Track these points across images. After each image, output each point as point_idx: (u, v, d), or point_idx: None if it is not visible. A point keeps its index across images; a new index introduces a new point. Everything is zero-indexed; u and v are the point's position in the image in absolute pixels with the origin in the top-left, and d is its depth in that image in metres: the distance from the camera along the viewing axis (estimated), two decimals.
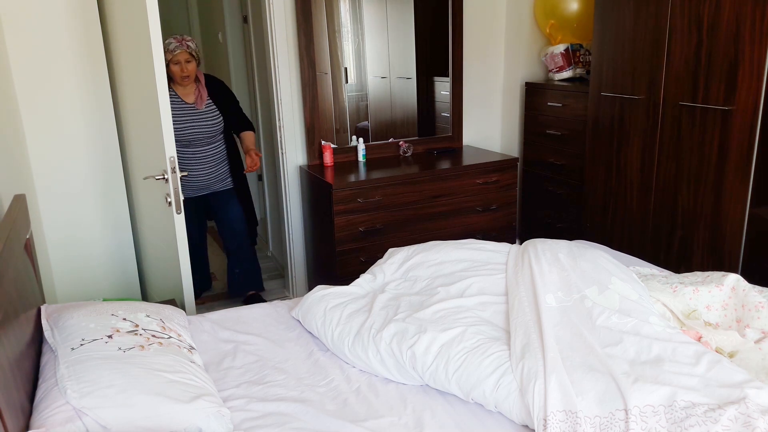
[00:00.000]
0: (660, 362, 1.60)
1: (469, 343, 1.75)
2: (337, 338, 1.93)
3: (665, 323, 1.76)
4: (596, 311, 1.81)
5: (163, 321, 1.85)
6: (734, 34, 2.52)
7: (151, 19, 2.12)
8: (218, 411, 1.52)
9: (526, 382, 1.57)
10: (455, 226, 3.46)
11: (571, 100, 3.52)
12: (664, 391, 1.47)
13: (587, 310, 1.82)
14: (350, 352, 1.88)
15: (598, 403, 1.48)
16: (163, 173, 2.31)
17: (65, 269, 2.93)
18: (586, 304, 1.85)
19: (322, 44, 3.51)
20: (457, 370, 1.68)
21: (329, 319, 1.99)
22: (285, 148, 3.55)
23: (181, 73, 3.08)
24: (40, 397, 1.51)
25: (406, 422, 1.59)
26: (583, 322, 1.78)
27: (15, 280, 1.60)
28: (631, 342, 1.68)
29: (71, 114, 2.81)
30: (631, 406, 1.44)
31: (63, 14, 2.71)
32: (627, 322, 1.76)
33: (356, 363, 1.86)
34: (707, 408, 1.41)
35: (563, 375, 1.56)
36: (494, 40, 3.94)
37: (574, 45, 3.69)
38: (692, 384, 1.50)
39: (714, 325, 1.86)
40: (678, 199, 2.91)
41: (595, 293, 1.89)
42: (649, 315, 1.79)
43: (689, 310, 1.89)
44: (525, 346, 1.69)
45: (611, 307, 1.82)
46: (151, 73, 2.21)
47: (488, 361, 1.67)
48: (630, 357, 1.64)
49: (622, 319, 1.77)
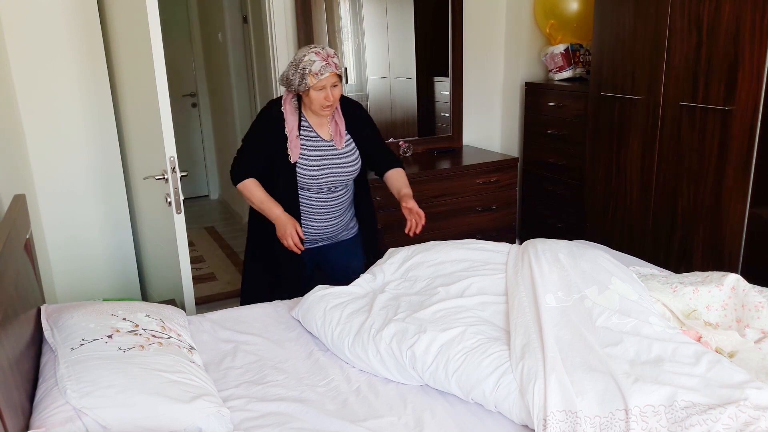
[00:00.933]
0: (660, 362, 1.60)
1: (469, 343, 1.74)
2: (337, 338, 1.92)
3: (665, 323, 1.76)
4: (596, 311, 1.81)
5: (163, 321, 1.85)
6: (734, 34, 2.52)
7: (151, 19, 2.12)
8: (218, 411, 1.52)
9: (525, 382, 1.57)
10: (455, 226, 3.46)
11: (571, 100, 3.52)
12: (665, 391, 1.47)
13: (587, 310, 1.82)
14: (350, 352, 1.87)
15: (598, 403, 1.47)
16: (163, 173, 2.31)
17: (65, 269, 2.93)
18: (586, 304, 1.84)
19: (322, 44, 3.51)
20: (457, 370, 1.67)
21: (329, 319, 1.99)
22: None
23: (325, 101, 2.30)
24: (39, 397, 1.51)
25: (406, 422, 1.59)
26: (583, 322, 1.78)
27: (15, 280, 1.60)
28: (631, 342, 1.68)
29: (71, 114, 2.81)
30: (631, 405, 1.44)
31: (63, 14, 2.71)
32: (627, 322, 1.76)
33: (356, 363, 1.86)
34: (707, 407, 1.41)
35: (563, 375, 1.55)
36: (494, 40, 3.94)
37: (574, 45, 3.69)
38: (692, 384, 1.50)
39: (714, 325, 1.86)
40: (678, 199, 2.91)
41: (595, 293, 1.88)
42: (649, 315, 1.79)
43: (689, 310, 1.89)
44: (525, 346, 1.69)
45: (611, 308, 1.82)
46: (151, 72, 2.21)
47: (488, 361, 1.67)
48: (630, 357, 1.64)
49: (622, 319, 1.77)
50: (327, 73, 2.24)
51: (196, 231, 5.09)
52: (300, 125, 2.39)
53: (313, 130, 2.40)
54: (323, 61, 2.24)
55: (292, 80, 2.29)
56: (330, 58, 2.27)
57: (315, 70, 2.24)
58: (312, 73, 2.24)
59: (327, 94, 2.28)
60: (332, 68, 2.26)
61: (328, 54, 2.27)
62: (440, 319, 1.87)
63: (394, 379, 1.80)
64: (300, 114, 2.40)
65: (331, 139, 2.42)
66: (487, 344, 1.74)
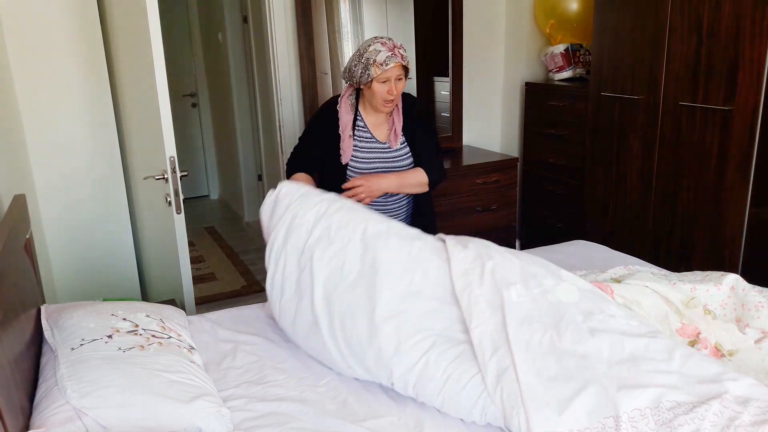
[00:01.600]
0: (635, 361, 1.57)
1: (438, 375, 1.60)
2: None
3: (626, 312, 1.73)
4: (561, 308, 1.72)
5: (162, 321, 1.85)
6: (734, 34, 2.52)
7: (151, 19, 2.12)
8: (218, 411, 1.52)
9: (508, 410, 1.50)
10: (455, 226, 3.46)
11: (571, 100, 3.52)
12: (649, 393, 1.46)
13: (553, 306, 1.72)
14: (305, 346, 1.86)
15: (586, 414, 1.44)
16: (163, 173, 2.31)
17: (65, 269, 2.93)
18: (550, 299, 1.74)
19: (322, 44, 3.51)
20: (439, 403, 1.60)
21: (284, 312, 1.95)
22: (285, 148, 3.55)
23: (388, 95, 2.20)
24: (40, 397, 1.51)
25: (406, 422, 1.59)
26: (551, 320, 1.69)
27: (15, 280, 1.60)
28: (603, 339, 1.63)
29: (71, 114, 2.81)
30: (621, 413, 1.42)
31: (63, 14, 2.70)
32: (593, 316, 1.69)
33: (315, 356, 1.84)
34: (693, 406, 1.42)
35: (543, 395, 1.49)
36: (494, 40, 3.94)
37: (574, 45, 3.69)
38: (673, 382, 1.50)
39: (713, 313, 1.85)
40: (678, 199, 2.91)
41: (552, 285, 1.78)
42: (609, 305, 1.74)
43: (688, 299, 1.87)
44: (499, 370, 1.57)
45: (572, 301, 1.74)
46: (151, 72, 2.21)
47: (466, 393, 1.56)
48: (605, 356, 1.59)
49: (587, 315, 1.70)
50: (392, 63, 2.14)
51: (196, 231, 5.09)
52: (355, 125, 2.31)
53: (368, 130, 2.30)
54: (389, 51, 2.14)
55: (354, 71, 2.21)
56: (396, 48, 2.17)
57: (380, 60, 2.13)
58: (376, 63, 2.13)
59: (391, 87, 2.17)
60: (398, 59, 2.14)
61: (394, 45, 2.17)
62: (394, 341, 1.69)
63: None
64: (356, 113, 2.32)
65: (387, 140, 2.31)
66: (458, 368, 1.60)
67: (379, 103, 2.23)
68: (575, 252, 2.56)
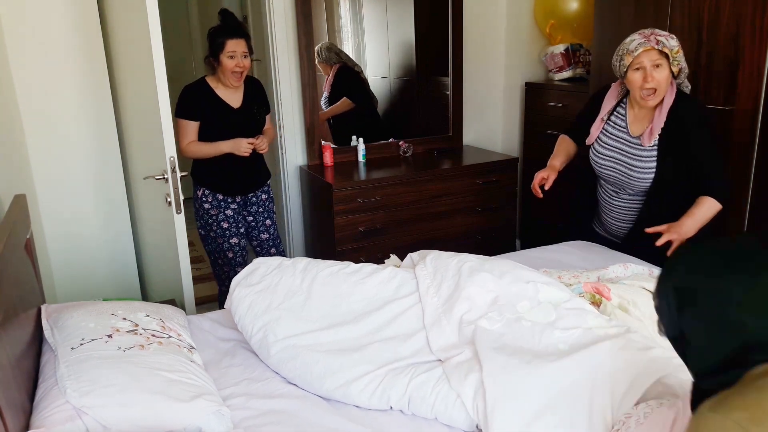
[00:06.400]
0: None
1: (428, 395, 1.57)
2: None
3: (603, 320, 1.66)
4: (537, 329, 1.65)
5: (162, 320, 1.85)
6: (734, 34, 2.52)
7: (151, 19, 2.12)
8: (218, 410, 1.52)
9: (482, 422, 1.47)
10: (455, 226, 3.46)
11: (571, 100, 3.52)
12: None
13: (528, 331, 1.65)
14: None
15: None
16: (163, 173, 2.31)
17: (65, 269, 2.93)
18: (524, 324, 1.68)
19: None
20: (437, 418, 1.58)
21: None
22: (285, 148, 3.55)
23: (645, 83, 2.10)
24: (40, 397, 1.51)
25: (405, 422, 1.59)
26: (526, 346, 1.62)
27: (15, 280, 1.60)
28: (582, 356, 1.53)
29: (71, 114, 2.81)
30: None
31: (63, 14, 2.71)
32: (570, 334, 1.61)
33: None
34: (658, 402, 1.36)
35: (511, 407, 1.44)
36: (494, 40, 3.94)
37: (574, 45, 3.69)
38: None
39: None
40: None
41: (527, 309, 1.73)
42: (586, 316, 1.66)
43: None
44: (475, 390, 1.53)
45: (547, 320, 1.68)
46: (151, 72, 2.21)
47: (457, 411, 1.53)
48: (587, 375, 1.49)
49: (564, 332, 1.62)
50: (641, 49, 1.99)
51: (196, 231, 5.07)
52: (614, 111, 2.28)
53: (625, 119, 2.21)
54: (643, 38, 2.02)
55: (614, 65, 2.18)
56: (654, 35, 2.01)
57: (632, 48, 2.02)
58: (628, 51, 2.04)
59: (646, 74, 2.02)
60: (651, 43, 1.99)
61: (653, 32, 2.04)
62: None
63: None
64: (620, 101, 2.27)
65: (640, 135, 2.18)
66: (444, 390, 1.58)
67: (637, 96, 2.11)
68: (575, 252, 2.57)
